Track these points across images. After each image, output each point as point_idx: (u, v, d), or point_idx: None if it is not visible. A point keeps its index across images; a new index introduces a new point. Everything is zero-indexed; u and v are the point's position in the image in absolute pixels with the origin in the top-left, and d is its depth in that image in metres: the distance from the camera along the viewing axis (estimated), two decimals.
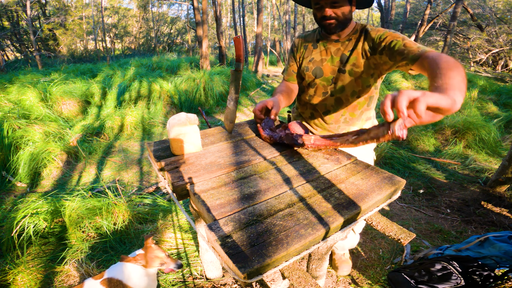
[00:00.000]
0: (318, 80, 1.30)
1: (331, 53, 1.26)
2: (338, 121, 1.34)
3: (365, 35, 1.18)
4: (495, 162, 3.24)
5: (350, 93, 1.27)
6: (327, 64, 1.27)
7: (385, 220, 0.78)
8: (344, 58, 1.22)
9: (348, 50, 1.21)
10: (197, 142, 1.01)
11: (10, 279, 1.59)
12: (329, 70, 1.27)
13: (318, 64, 1.29)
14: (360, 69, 1.20)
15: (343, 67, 1.23)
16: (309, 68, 1.32)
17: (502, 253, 1.43)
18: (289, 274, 0.62)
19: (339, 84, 1.26)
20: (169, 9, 22.32)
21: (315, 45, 1.31)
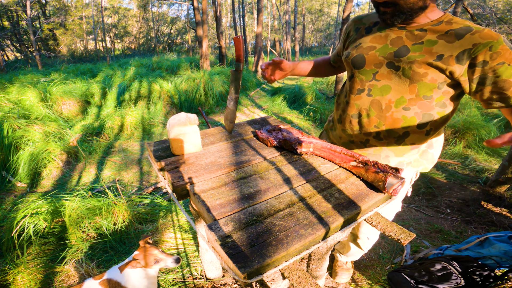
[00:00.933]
0: (357, 72, 1.00)
1: (388, 40, 0.93)
2: (369, 134, 1.02)
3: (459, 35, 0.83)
4: (495, 162, 3.24)
5: (395, 100, 0.94)
6: (374, 54, 0.95)
7: (385, 220, 0.78)
8: (404, 51, 0.90)
9: (414, 43, 0.89)
10: (197, 142, 1.01)
11: (10, 279, 1.59)
12: (373, 61, 0.95)
13: (363, 51, 0.98)
14: (422, 70, 0.87)
15: (397, 62, 0.91)
16: (350, 54, 1.02)
17: (502, 253, 1.43)
18: (289, 274, 0.62)
19: (382, 82, 0.95)
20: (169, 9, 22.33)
21: (370, 29, 1.00)
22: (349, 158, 0.88)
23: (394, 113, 0.95)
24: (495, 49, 0.79)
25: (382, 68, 0.94)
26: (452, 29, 0.85)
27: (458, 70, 0.84)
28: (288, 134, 1.06)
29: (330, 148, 0.94)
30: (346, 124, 1.08)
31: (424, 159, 1.05)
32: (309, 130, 4.34)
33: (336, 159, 0.91)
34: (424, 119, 0.94)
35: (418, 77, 0.89)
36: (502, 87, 0.80)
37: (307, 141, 0.97)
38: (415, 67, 0.88)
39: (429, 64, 0.86)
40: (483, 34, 0.81)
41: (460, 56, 0.83)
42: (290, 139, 0.99)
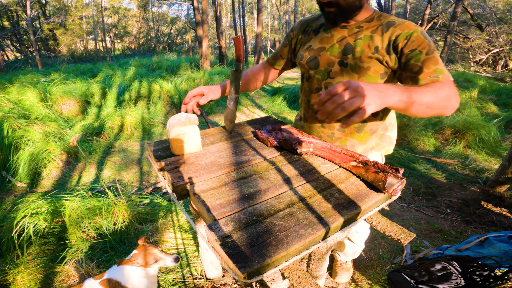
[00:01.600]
0: (313, 72, 1.11)
1: (334, 41, 1.05)
2: (333, 128, 1.14)
3: (386, 28, 0.97)
4: (495, 162, 3.24)
5: None
6: (326, 54, 1.06)
7: (385, 220, 0.78)
8: (349, 48, 1.02)
9: (355, 39, 1.01)
10: (197, 142, 1.01)
11: (10, 279, 1.59)
12: (326, 61, 1.07)
13: (315, 53, 1.09)
14: (366, 64, 1.00)
15: (345, 60, 1.02)
16: (303, 57, 1.12)
17: (502, 253, 1.43)
18: (289, 274, 0.62)
19: (337, 79, 1.06)
20: (169, 9, 22.34)
21: (317, 31, 1.11)
22: (349, 158, 0.88)
23: None
24: (410, 37, 0.92)
25: (334, 66, 1.06)
26: (381, 24, 0.99)
27: (390, 60, 0.97)
28: (288, 134, 1.06)
29: (330, 148, 0.94)
30: (312, 121, 1.19)
31: (384, 142, 1.18)
32: None
33: (336, 159, 0.91)
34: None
35: (364, 70, 1.01)
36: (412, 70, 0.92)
37: (307, 141, 0.97)
38: (359, 62, 1.00)
39: (369, 58, 0.98)
40: (403, 26, 0.94)
41: (387, 47, 0.96)
42: (290, 139, 0.99)
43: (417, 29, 0.93)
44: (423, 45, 0.91)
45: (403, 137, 3.78)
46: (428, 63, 0.89)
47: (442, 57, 6.20)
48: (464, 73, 8.43)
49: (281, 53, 1.26)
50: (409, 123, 3.77)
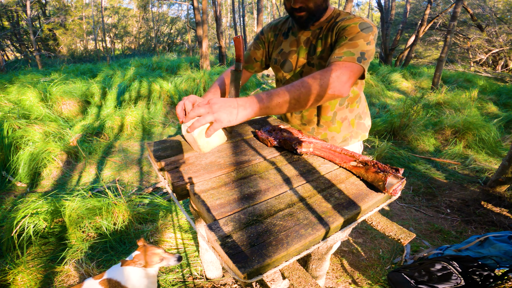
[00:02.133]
0: (287, 74, 1.17)
1: (301, 43, 1.11)
2: (312, 123, 1.22)
3: (335, 24, 1.02)
4: (495, 162, 3.24)
5: None
6: (295, 56, 1.13)
7: (385, 220, 0.78)
8: (313, 49, 1.08)
9: (316, 40, 1.07)
10: (221, 133, 1.00)
11: (10, 279, 1.59)
12: (297, 63, 1.13)
13: (286, 56, 1.15)
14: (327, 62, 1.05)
15: (312, 60, 1.08)
16: (277, 60, 1.18)
17: (502, 253, 1.43)
18: (289, 274, 0.62)
19: None
20: (169, 9, 22.34)
21: (286, 34, 1.16)
22: (349, 158, 0.88)
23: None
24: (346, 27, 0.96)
25: (305, 67, 1.11)
26: (336, 21, 1.03)
27: None
28: (288, 134, 1.06)
29: (330, 148, 0.94)
30: (293, 120, 1.26)
31: (360, 129, 1.26)
32: None
33: (336, 159, 0.91)
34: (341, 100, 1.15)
35: None
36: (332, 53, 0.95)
37: (307, 141, 0.97)
38: (322, 61, 1.05)
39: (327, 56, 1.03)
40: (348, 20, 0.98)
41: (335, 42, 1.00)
42: (290, 139, 0.99)
43: (357, 21, 0.95)
44: (352, 32, 0.94)
45: (403, 137, 3.78)
46: (344, 46, 0.92)
47: (442, 57, 6.20)
48: (464, 73, 8.43)
49: (255, 56, 1.28)
50: (409, 123, 3.77)
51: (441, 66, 6.26)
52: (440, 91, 5.49)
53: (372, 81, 6.26)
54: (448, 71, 9.08)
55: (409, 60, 9.44)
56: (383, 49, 9.64)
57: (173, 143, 1.08)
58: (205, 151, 0.98)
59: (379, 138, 3.61)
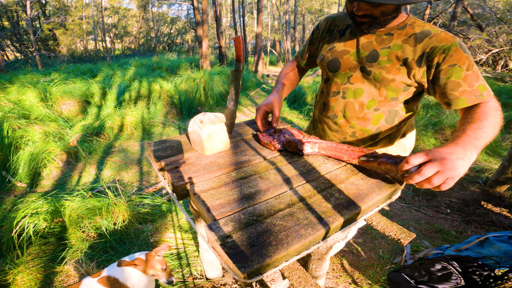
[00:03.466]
0: (332, 75, 1.07)
1: (360, 45, 0.99)
2: (345, 133, 1.10)
3: (420, 38, 0.89)
4: (495, 162, 3.24)
5: (367, 102, 1.01)
6: (349, 58, 1.01)
7: (385, 220, 0.78)
8: (374, 56, 0.95)
9: (383, 47, 0.94)
10: (226, 140, 1.02)
11: (10, 279, 1.59)
12: (348, 65, 1.01)
13: (337, 55, 1.03)
14: (392, 76, 0.93)
15: (369, 67, 0.97)
16: (325, 58, 1.07)
17: (502, 253, 1.43)
18: (289, 274, 0.62)
19: (356, 85, 1.01)
20: (169, 9, 22.33)
21: (343, 32, 1.04)
22: (358, 153, 0.87)
23: (366, 114, 1.03)
24: (448, 52, 0.84)
25: (356, 72, 1.00)
26: (414, 32, 0.91)
27: (418, 72, 0.91)
28: (290, 135, 1.05)
29: (336, 146, 0.94)
30: (325, 125, 1.16)
31: (398, 149, 1.13)
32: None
33: (343, 156, 0.91)
34: (389, 116, 1.02)
35: (387, 82, 0.95)
36: (451, 87, 0.86)
37: (312, 141, 0.97)
38: (384, 72, 0.94)
39: (397, 69, 0.93)
40: (440, 37, 0.86)
41: (419, 59, 0.89)
42: (294, 140, 0.98)
43: (455, 41, 0.84)
44: (463, 59, 0.83)
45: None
46: (470, 80, 0.83)
47: None
48: None
49: (309, 52, 1.23)
50: None
51: None
52: None
53: None
54: None
55: None
56: None
57: (173, 143, 1.08)
58: (207, 154, 0.99)
59: None
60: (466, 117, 0.82)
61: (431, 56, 0.87)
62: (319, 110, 1.17)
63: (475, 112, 0.81)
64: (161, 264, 1.25)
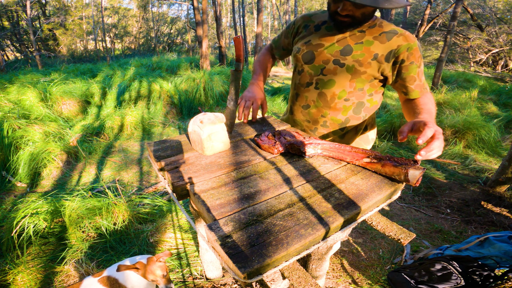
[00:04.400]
0: (306, 66, 1.14)
1: (334, 40, 1.07)
2: (317, 122, 1.18)
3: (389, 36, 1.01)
4: (495, 162, 3.24)
5: (338, 92, 1.10)
6: (323, 51, 1.08)
7: (385, 220, 0.78)
8: (348, 50, 1.05)
9: (356, 43, 1.04)
10: (226, 140, 1.01)
11: (10, 279, 1.59)
12: (322, 58, 1.09)
13: (312, 48, 1.11)
14: (364, 69, 1.04)
15: (343, 60, 1.06)
16: (300, 50, 1.14)
17: (502, 253, 1.43)
18: (289, 274, 0.62)
19: (329, 77, 1.09)
20: (169, 9, 22.33)
21: (319, 27, 1.13)
22: (361, 154, 0.87)
23: (337, 104, 1.12)
24: (410, 50, 1.00)
25: (329, 64, 1.08)
26: (384, 31, 1.03)
27: (386, 67, 1.04)
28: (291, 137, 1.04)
29: (339, 147, 0.93)
30: (299, 115, 1.23)
31: (362, 141, 1.25)
32: None
33: (346, 157, 0.91)
34: (357, 107, 1.13)
35: (359, 74, 1.05)
36: (409, 81, 1.03)
37: (315, 142, 0.96)
38: (357, 65, 1.04)
39: (368, 63, 1.03)
40: (405, 37, 1.00)
41: (388, 55, 1.02)
42: (296, 142, 0.97)
43: (415, 41, 1.00)
44: (418, 58, 1.01)
45: None
46: (420, 75, 1.03)
47: (442, 57, 6.21)
48: (464, 73, 8.43)
49: (283, 44, 1.30)
50: None
51: (441, 66, 6.26)
52: (440, 91, 5.49)
53: None
54: (448, 71, 9.08)
55: None
56: None
57: (173, 143, 1.08)
58: (207, 154, 0.99)
59: (379, 138, 3.61)
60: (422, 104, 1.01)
61: (397, 53, 1.01)
62: (292, 101, 1.25)
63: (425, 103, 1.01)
64: (161, 270, 1.24)
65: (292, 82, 1.27)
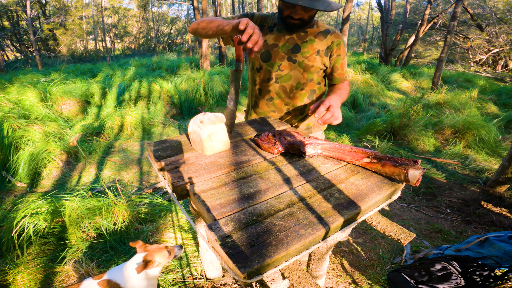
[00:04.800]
0: (265, 64, 1.31)
1: (285, 40, 1.27)
2: (281, 111, 1.37)
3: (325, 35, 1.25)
4: (495, 162, 3.24)
5: (295, 84, 1.31)
6: (278, 50, 1.27)
7: (385, 220, 0.78)
8: (297, 48, 1.26)
9: (302, 42, 1.25)
10: (226, 140, 1.02)
11: (10, 279, 1.59)
12: (277, 56, 1.27)
13: (269, 48, 1.28)
14: (312, 63, 1.26)
15: (294, 57, 1.26)
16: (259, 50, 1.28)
17: (502, 253, 1.43)
18: (289, 274, 0.62)
19: (285, 71, 1.29)
20: (169, 9, 22.32)
21: (271, 29, 1.30)
22: (361, 155, 0.87)
23: (295, 94, 1.33)
24: (339, 45, 1.28)
25: (284, 61, 1.28)
26: (320, 31, 1.27)
27: (326, 60, 1.29)
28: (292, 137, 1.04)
29: (339, 147, 0.93)
30: (264, 107, 1.39)
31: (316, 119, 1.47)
32: None
33: (347, 157, 0.91)
34: (310, 94, 1.36)
35: (308, 67, 1.27)
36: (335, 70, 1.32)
37: (315, 142, 0.96)
38: (306, 60, 1.26)
39: (313, 58, 1.26)
40: (335, 34, 1.27)
41: (326, 50, 1.27)
42: (296, 143, 0.97)
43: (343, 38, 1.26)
44: (343, 51, 1.29)
45: (403, 137, 3.78)
46: (343, 65, 1.31)
47: (442, 57, 6.21)
48: (464, 73, 8.43)
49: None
50: (409, 123, 3.77)
51: (441, 66, 6.26)
52: (440, 91, 5.49)
53: (372, 81, 6.25)
54: (448, 71, 9.08)
55: (409, 60, 9.43)
56: (383, 49, 9.64)
57: (173, 143, 1.08)
58: (207, 154, 0.99)
59: (379, 138, 3.61)
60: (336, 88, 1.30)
61: (331, 48, 1.27)
62: (256, 96, 1.41)
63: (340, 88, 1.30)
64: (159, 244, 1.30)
65: (250, 79, 1.43)
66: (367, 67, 8.74)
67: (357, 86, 6.00)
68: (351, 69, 7.76)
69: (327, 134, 4.12)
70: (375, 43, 18.93)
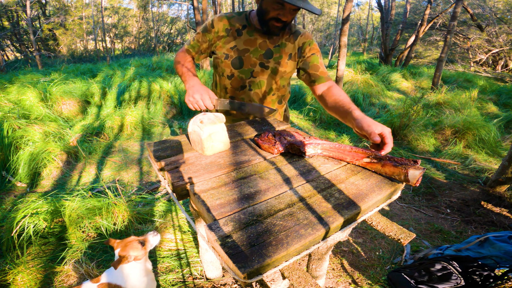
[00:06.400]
0: (237, 71, 1.22)
1: (257, 44, 1.19)
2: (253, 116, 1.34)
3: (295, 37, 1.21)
4: (495, 162, 3.25)
5: (268, 90, 1.27)
6: (249, 56, 1.19)
7: (385, 220, 0.78)
8: (269, 53, 1.19)
9: (274, 46, 1.19)
10: (226, 140, 1.01)
11: (10, 279, 1.59)
12: (249, 62, 1.20)
13: (240, 54, 1.19)
14: (284, 68, 1.22)
15: (267, 63, 1.20)
16: (229, 56, 1.21)
17: (502, 253, 1.43)
18: (289, 274, 0.62)
19: (258, 78, 1.23)
20: (169, 9, 22.32)
21: (240, 32, 1.20)
22: (361, 155, 0.87)
23: (267, 99, 1.30)
24: (311, 45, 1.22)
25: (256, 67, 1.21)
26: (291, 33, 1.22)
27: (298, 62, 1.24)
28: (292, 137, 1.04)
29: (339, 147, 0.93)
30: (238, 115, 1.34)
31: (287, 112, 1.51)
32: (309, 130, 4.34)
33: (347, 157, 0.91)
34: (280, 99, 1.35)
35: (281, 73, 1.23)
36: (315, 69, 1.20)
37: (315, 142, 0.96)
38: (278, 66, 1.21)
39: (286, 63, 1.21)
40: (306, 35, 1.22)
41: (298, 52, 1.22)
42: (296, 142, 0.97)
43: (312, 37, 1.24)
44: (317, 50, 1.23)
45: (403, 137, 3.78)
46: (322, 63, 1.22)
47: (442, 57, 6.21)
48: (464, 73, 8.43)
49: (202, 48, 1.28)
50: (409, 123, 3.77)
51: (441, 66, 6.26)
52: (440, 91, 5.49)
53: (372, 81, 6.26)
54: (448, 71, 9.07)
55: (409, 60, 9.43)
56: (383, 49, 9.63)
57: (173, 143, 1.08)
58: (207, 154, 0.99)
59: None
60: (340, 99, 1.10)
61: (303, 49, 1.21)
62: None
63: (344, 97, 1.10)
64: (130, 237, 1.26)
65: (219, 86, 1.33)
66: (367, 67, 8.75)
67: (357, 86, 6.00)
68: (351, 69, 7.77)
69: (327, 134, 4.13)
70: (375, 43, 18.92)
